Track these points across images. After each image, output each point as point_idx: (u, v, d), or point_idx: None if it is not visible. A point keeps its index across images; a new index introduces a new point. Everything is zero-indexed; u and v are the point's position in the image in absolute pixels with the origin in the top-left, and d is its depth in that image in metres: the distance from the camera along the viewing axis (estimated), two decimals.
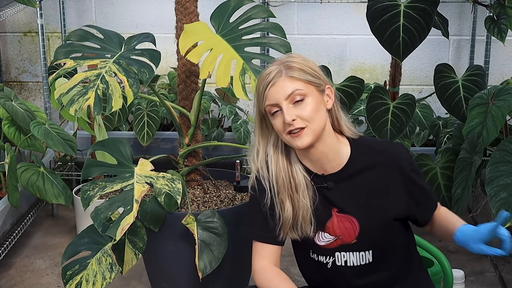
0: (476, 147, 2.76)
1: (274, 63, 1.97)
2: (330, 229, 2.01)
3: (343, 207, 2.00)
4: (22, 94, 4.09)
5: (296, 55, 1.99)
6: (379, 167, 1.99)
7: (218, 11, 2.73)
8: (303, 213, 1.99)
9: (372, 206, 2.00)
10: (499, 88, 2.83)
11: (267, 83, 1.93)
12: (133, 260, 2.64)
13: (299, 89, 1.91)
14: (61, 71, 2.58)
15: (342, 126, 2.01)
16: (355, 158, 2.00)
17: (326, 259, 2.05)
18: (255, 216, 2.06)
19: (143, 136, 3.58)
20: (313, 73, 1.95)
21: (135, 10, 3.94)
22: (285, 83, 1.92)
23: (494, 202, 2.50)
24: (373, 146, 2.03)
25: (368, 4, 2.85)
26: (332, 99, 1.98)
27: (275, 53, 3.00)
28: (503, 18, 2.93)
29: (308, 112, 1.92)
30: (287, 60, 1.95)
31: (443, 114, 3.71)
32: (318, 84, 1.95)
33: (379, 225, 2.00)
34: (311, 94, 1.93)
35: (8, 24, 4.00)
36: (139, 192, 2.40)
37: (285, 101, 1.91)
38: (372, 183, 1.99)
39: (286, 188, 2.00)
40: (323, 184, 2.01)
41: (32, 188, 3.14)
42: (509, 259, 3.28)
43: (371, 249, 2.02)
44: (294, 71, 1.93)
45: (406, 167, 2.00)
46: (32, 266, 3.30)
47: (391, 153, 2.01)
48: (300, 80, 1.92)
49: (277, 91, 1.92)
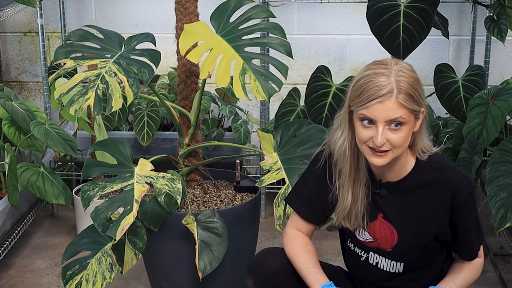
0: (476, 147, 2.76)
1: (384, 69, 1.88)
2: (371, 230, 2.05)
3: (388, 216, 2.03)
4: (22, 94, 4.09)
5: (408, 70, 1.89)
6: (434, 188, 1.98)
7: (218, 11, 2.73)
8: (358, 208, 2.02)
9: (415, 224, 2.01)
10: (499, 88, 2.82)
11: (375, 97, 1.84)
12: (133, 260, 2.64)
13: (402, 117, 1.86)
14: (61, 71, 2.58)
15: (416, 148, 1.98)
16: (415, 175, 2.00)
17: (361, 252, 2.11)
18: (304, 188, 2.13)
19: (143, 136, 3.57)
20: (418, 100, 1.88)
21: (135, 10, 3.93)
22: (392, 107, 1.84)
23: (494, 202, 2.50)
24: (438, 168, 2.00)
25: (368, 4, 2.85)
26: (421, 122, 1.94)
27: (275, 53, 3.01)
28: (503, 18, 2.93)
29: (399, 140, 1.88)
30: (399, 79, 1.85)
31: (443, 114, 3.71)
32: (418, 112, 1.90)
33: (417, 243, 2.03)
34: (409, 123, 1.88)
35: (8, 24, 4.00)
36: (139, 192, 2.40)
37: (383, 123, 1.86)
38: (423, 201, 2.00)
39: (352, 179, 2.01)
40: (377, 189, 2.02)
41: (32, 188, 3.14)
42: (509, 259, 3.28)
43: (404, 262, 2.06)
44: (404, 95, 1.85)
45: (461, 196, 1.97)
46: (32, 266, 3.30)
47: (451, 178, 1.98)
48: (407, 108, 1.86)
49: (382, 110, 1.85)
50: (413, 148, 1.98)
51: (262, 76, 2.52)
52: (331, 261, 3.16)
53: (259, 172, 3.77)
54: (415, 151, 1.98)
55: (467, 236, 2.03)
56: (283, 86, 2.58)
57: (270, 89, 2.51)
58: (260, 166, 3.02)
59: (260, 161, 3.62)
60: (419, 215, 2.00)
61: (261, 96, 2.49)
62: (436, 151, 2.03)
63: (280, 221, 2.64)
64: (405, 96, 1.85)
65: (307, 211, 2.13)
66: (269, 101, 2.61)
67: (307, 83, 3.11)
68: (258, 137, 2.80)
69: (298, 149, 2.72)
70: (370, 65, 1.92)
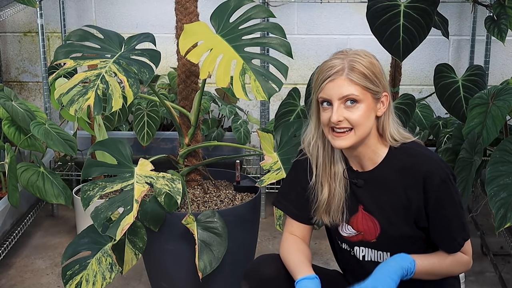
0: (476, 147, 2.76)
1: (340, 54, 1.95)
2: (353, 224, 2.06)
3: (368, 207, 2.04)
4: (22, 94, 4.09)
5: (364, 55, 1.95)
6: (407, 173, 1.98)
7: (218, 11, 2.73)
8: (336, 202, 2.04)
9: (394, 212, 2.01)
10: (499, 88, 2.82)
11: (326, 76, 1.92)
12: (133, 260, 2.64)
13: (354, 94, 1.91)
14: (61, 71, 2.58)
15: (385, 134, 2.00)
16: (388, 162, 2.01)
17: (348, 248, 2.12)
18: (290, 190, 2.15)
19: (143, 136, 3.57)
20: (374, 80, 1.93)
21: (135, 10, 3.93)
22: (343, 84, 1.91)
23: (494, 202, 2.49)
24: (409, 154, 2.00)
25: (368, 4, 2.85)
26: (385, 107, 1.98)
27: (275, 53, 3.00)
28: (503, 18, 2.93)
29: (356, 117, 1.92)
30: (353, 59, 1.93)
31: (443, 114, 3.71)
32: (376, 92, 1.94)
33: (399, 230, 2.02)
34: (365, 101, 1.93)
35: (8, 24, 4.00)
36: (139, 192, 2.40)
37: (338, 101, 1.91)
38: (397, 188, 2.00)
39: (326, 173, 2.04)
40: (354, 179, 2.04)
41: (32, 188, 3.14)
42: (509, 259, 3.28)
43: (390, 252, 2.05)
44: (356, 74, 1.91)
45: (433, 182, 1.95)
46: (32, 266, 3.30)
47: (421, 164, 1.98)
48: (359, 85, 1.91)
49: (333, 88, 1.91)
50: (383, 136, 2.00)
51: (262, 76, 2.52)
52: (331, 261, 3.17)
53: (259, 172, 3.77)
54: (385, 138, 2.00)
55: (443, 225, 1.99)
56: (283, 86, 2.58)
57: (270, 89, 2.51)
58: (260, 166, 3.02)
59: (260, 161, 3.63)
60: (396, 202, 2.00)
61: (261, 96, 2.49)
62: (415, 140, 2.04)
63: (280, 221, 2.65)
64: (356, 74, 1.90)
65: (296, 211, 2.14)
66: (269, 101, 2.61)
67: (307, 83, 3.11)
68: (258, 137, 2.80)
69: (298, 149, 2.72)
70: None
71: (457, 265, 2.05)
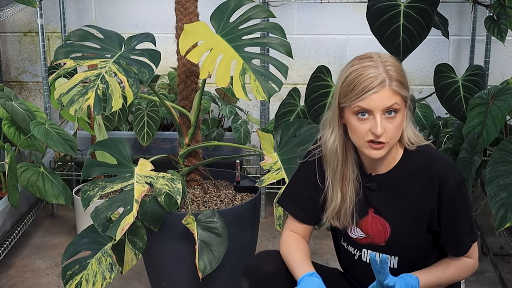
0: (476, 147, 2.76)
1: (370, 61, 1.91)
2: (363, 226, 2.06)
3: (379, 210, 2.03)
4: (22, 94, 4.09)
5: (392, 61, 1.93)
6: (422, 177, 1.98)
7: (218, 11, 2.73)
8: (346, 206, 2.03)
9: (407, 215, 2.01)
10: (499, 88, 2.82)
11: (369, 88, 1.87)
12: (133, 260, 2.64)
13: (397, 103, 1.90)
14: (61, 71, 2.58)
15: (403, 137, 1.99)
16: (403, 165, 2.00)
17: (354, 251, 2.11)
18: (295, 190, 2.14)
19: (143, 136, 3.57)
20: (407, 87, 1.93)
21: (135, 10, 3.93)
22: (386, 95, 1.88)
23: (494, 202, 2.49)
24: (425, 157, 2.00)
25: (368, 4, 2.85)
26: (406, 110, 1.96)
27: (275, 53, 3.00)
28: (503, 18, 2.93)
29: (394, 128, 1.91)
30: (388, 68, 1.90)
31: (443, 114, 3.71)
32: (407, 98, 1.93)
33: (409, 234, 2.02)
34: (401, 111, 1.92)
35: (8, 24, 4.00)
36: (139, 192, 2.40)
37: (380, 112, 1.89)
38: (411, 191, 2.00)
39: (341, 177, 2.02)
40: (367, 183, 2.03)
41: (32, 188, 3.14)
42: (509, 259, 3.28)
43: (398, 256, 2.05)
44: (395, 82, 1.89)
45: (448, 185, 1.96)
46: (32, 266, 3.30)
47: (438, 167, 1.98)
48: (399, 95, 1.90)
49: (377, 99, 1.88)
50: (401, 139, 1.99)
51: (262, 76, 2.52)
52: (331, 261, 3.17)
53: (259, 172, 3.77)
54: (402, 141, 2.00)
55: (455, 229, 2.00)
56: (283, 86, 2.58)
57: (270, 89, 2.51)
58: (260, 166, 3.02)
59: (260, 161, 3.62)
60: (409, 205, 2.00)
61: (261, 96, 2.49)
62: (428, 143, 2.03)
63: (280, 221, 2.65)
64: (396, 83, 1.89)
65: (299, 211, 2.14)
66: (269, 101, 2.61)
67: (307, 83, 3.11)
68: (258, 137, 2.80)
69: (298, 149, 2.72)
70: (354, 61, 1.95)
71: (460, 271, 2.07)
